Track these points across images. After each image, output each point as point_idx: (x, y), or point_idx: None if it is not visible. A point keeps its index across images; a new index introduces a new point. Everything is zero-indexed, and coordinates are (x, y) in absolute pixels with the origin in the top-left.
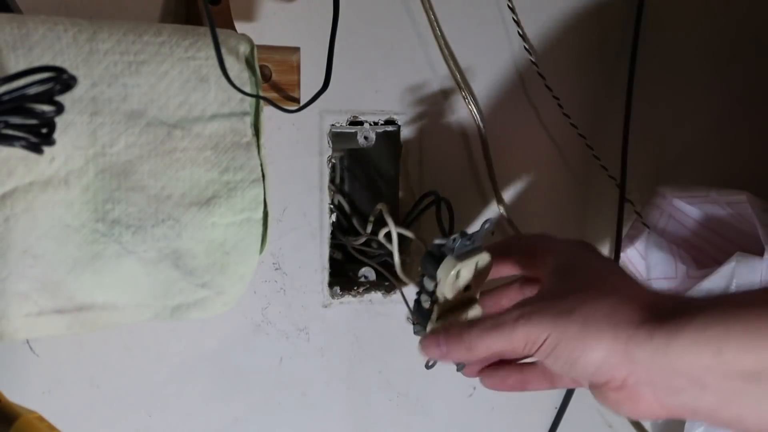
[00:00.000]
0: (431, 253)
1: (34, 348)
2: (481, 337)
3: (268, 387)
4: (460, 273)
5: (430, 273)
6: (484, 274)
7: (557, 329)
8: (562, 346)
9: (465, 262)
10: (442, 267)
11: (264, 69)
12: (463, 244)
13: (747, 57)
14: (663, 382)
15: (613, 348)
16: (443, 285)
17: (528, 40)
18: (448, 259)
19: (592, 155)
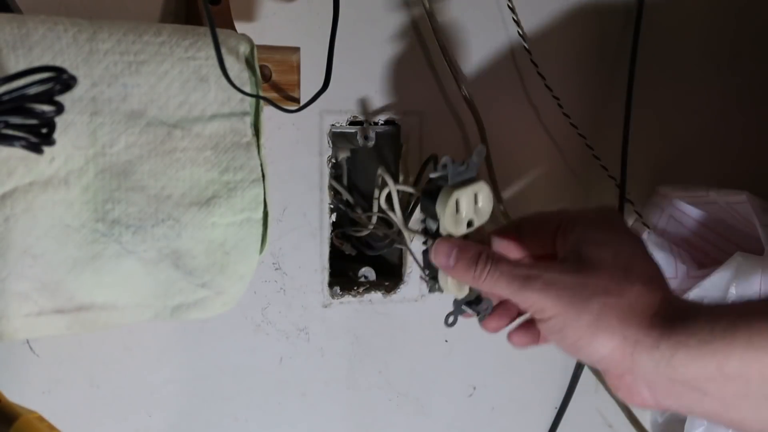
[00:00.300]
0: (427, 190)
1: (34, 348)
2: (493, 275)
3: (268, 387)
4: (459, 204)
5: (430, 212)
6: (485, 209)
7: (569, 314)
8: (570, 331)
9: (462, 191)
10: (439, 199)
11: (264, 69)
12: (456, 171)
13: (747, 57)
14: (664, 386)
15: (619, 347)
16: (443, 219)
17: (528, 40)
18: (445, 189)
19: (592, 155)
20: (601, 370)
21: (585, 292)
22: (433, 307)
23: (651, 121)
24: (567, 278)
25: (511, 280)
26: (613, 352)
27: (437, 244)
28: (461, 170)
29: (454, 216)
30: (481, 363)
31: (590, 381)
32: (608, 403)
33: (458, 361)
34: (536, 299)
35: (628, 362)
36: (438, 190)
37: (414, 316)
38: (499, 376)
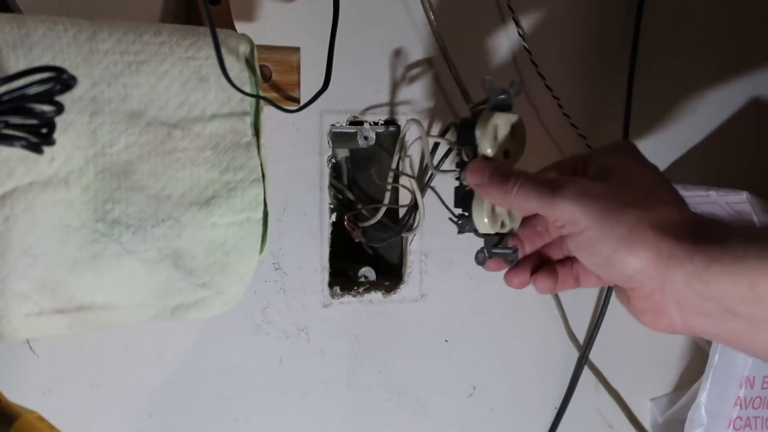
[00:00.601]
0: (465, 119)
1: (34, 348)
2: (524, 187)
3: (268, 387)
4: (498, 129)
5: (468, 139)
6: (520, 141)
7: (603, 225)
8: (604, 244)
9: (501, 115)
10: (479, 121)
11: (264, 69)
12: (496, 96)
13: (747, 56)
14: (693, 304)
15: (653, 260)
16: (483, 140)
17: (528, 40)
18: (485, 112)
19: None
20: (631, 288)
21: (617, 204)
22: (433, 307)
23: (651, 121)
24: (599, 189)
25: (541, 189)
26: (647, 266)
27: (472, 163)
28: (501, 97)
29: (493, 139)
30: (481, 363)
31: (590, 381)
32: (608, 403)
33: (458, 361)
34: (567, 208)
35: (661, 277)
36: (477, 115)
37: (414, 316)
38: (499, 376)
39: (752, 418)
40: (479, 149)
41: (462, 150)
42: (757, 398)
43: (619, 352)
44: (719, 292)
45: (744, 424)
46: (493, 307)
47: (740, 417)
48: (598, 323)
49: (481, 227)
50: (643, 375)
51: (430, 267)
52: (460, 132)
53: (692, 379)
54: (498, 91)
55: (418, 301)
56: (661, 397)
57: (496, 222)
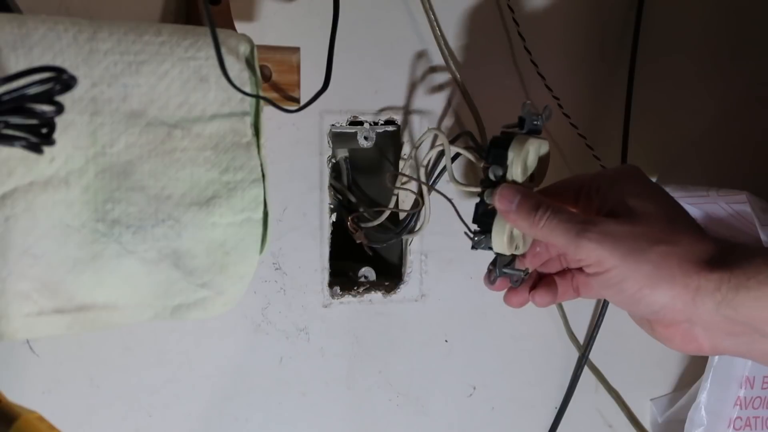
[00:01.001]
0: (498, 138)
1: (34, 348)
2: (551, 221)
3: (268, 387)
4: (529, 153)
5: (497, 157)
6: (544, 167)
7: (628, 264)
8: (629, 282)
9: (534, 140)
10: (514, 143)
11: (264, 69)
12: (531, 121)
13: (747, 56)
14: (722, 327)
15: (681, 294)
16: (515, 164)
17: (528, 40)
18: (520, 136)
19: (592, 155)
20: (657, 320)
21: (642, 242)
22: (433, 307)
23: (651, 121)
24: (622, 229)
25: (568, 229)
26: (674, 300)
27: (503, 188)
28: (536, 123)
29: (524, 164)
30: (481, 363)
31: (590, 381)
32: (608, 403)
33: (458, 361)
34: (592, 249)
35: (690, 309)
36: (510, 139)
37: (414, 316)
38: (499, 376)
39: (752, 418)
40: (509, 172)
41: (490, 169)
42: (757, 398)
43: (619, 352)
44: (747, 316)
45: (744, 424)
46: (493, 307)
47: (740, 417)
48: (598, 323)
49: (499, 248)
50: (643, 375)
51: (430, 267)
52: (490, 151)
53: (692, 379)
54: (533, 116)
55: (418, 301)
56: (661, 397)
57: (512, 244)
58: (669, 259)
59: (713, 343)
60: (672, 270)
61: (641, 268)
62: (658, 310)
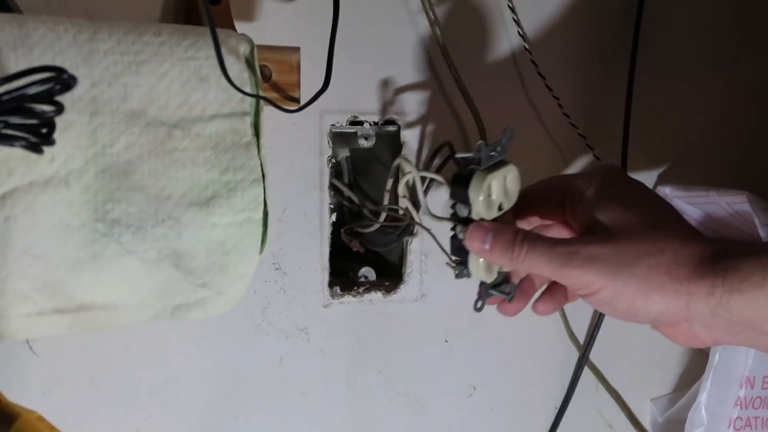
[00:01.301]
0: (459, 175)
1: (34, 348)
2: (531, 255)
3: (268, 387)
4: (492, 188)
5: (461, 197)
6: (514, 191)
7: (617, 282)
8: (621, 299)
9: (494, 174)
10: (472, 183)
11: (264, 69)
12: (488, 155)
13: (747, 57)
14: (721, 326)
15: (673, 301)
16: (477, 204)
17: (528, 40)
18: (478, 173)
19: (592, 155)
20: (658, 324)
21: (627, 258)
22: (433, 307)
23: (651, 121)
24: (605, 249)
25: (551, 259)
26: (668, 307)
27: (471, 230)
28: (493, 154)
29: (488, 200)
30: (481, 363)
31: (590, 381)
32: (608, 403)
33: (458, 361)
34: (579, 275)
35: (684, 312)
36: (470, 174)
37: (414, 316)
38: (499, 376)
39: (752, 419)
40: (474, 211)
41: (455, 206)
42: (757, 398)
43: (619, 352)
44: (744, 317)
45: (744, 425)
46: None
47: (740, 417)
48: (598, 323)
49: (478, 276)
50: (643, 375)
51: (430, 267)
52: (452, 188)
53: (692, 379)
54: (489, 151)
55: (418, 301)
56: (661, 397)
57: (492, 271)
58: (656, 270)
59: (715, 339)
60: (660, 279)
61: (630, 284)
62: (654, 318)
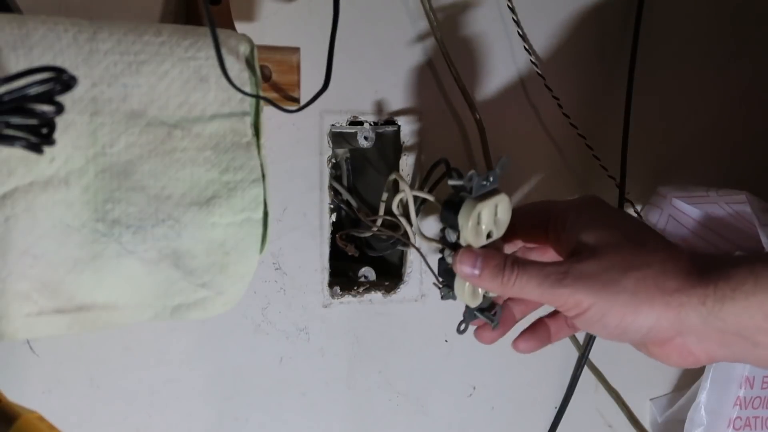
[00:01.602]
0: (449, 201)
1: (34, 348)
2: (521, 279)
3: (268, 387)
4: (481, 216)
5: (450, 222)
6: (504, 220)
7: (605, 299)
8: (611, 316)
9: (484, 203)
10: (462, 211)
11: (264, 69)
12: (480, 184)
13: (747, 57)
14: (714, 338)
15: (663, 313)
16: (465, 231)
17: (528, 40)
18: (468, 201)
19: (592, 155)
20: (650, 341)
21: (613, 274)
22: (433, 307)
23: (651, 121)
24: (592, 267)
25: (540, 282)
26: (659, 321)
27: (461, 255)
28: (485, 184)
29: (476, 228)
30: (481, 363)
31: (590, 381)
32: (608, 403)
33: (458, 361)
34: (569, 294)
35: (676, 325)
36: (460, 201)
37: (414, 316)
38: (499, 376)
39: (752, 418)
40: (462, 237)
41: (445, 230)
42: (757, 398)
43: (619, 352)
44: (737, 325)
45: (744, 424)
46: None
47: (740, 417)
48: None
49: (463, 300)
50: (643, 375)
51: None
52: (443, 213)
53: (692, 379)
54: (481, 180)
55: (418, 301)
56: (661, 397)
57: (477, 296)
58: (644, 282)
59: (708, 354)
60: (649, 292)
61: (618, 299)
62: (646, 333)
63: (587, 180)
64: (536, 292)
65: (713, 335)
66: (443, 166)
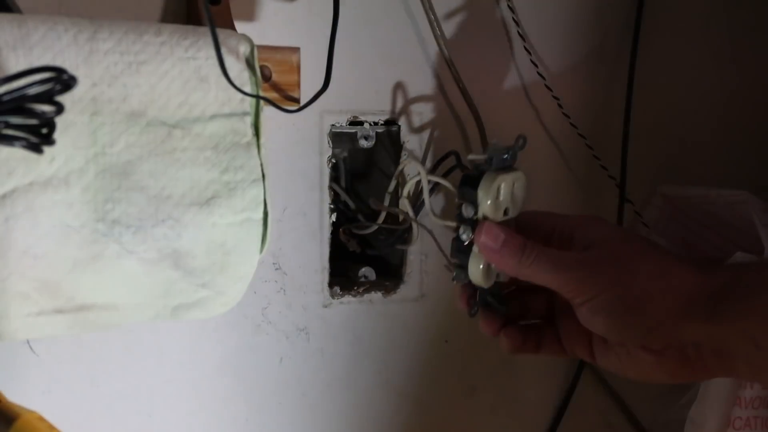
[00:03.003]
0: (468, 176)
1: (34, 348)
2: (539, 259)
3: (268, 387)
4: (501, 190)
5: (469, 197)
6: (520, 199)
7: (621, 284)
8: (619, 303)
9: (504, 176)
10: (482, 183)
11: (264, 69)
12: (500, 158)
13: (747, 56)
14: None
15: (677, 298)
16: (485, 204)
17: (528, 40)
18: (489, 174)
19: (592, 155)
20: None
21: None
22: (433, 307)
23: (651, 122)
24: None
25: (557, 264)
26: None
27: (486, 227)
28: (505, 158)
29: (495, 202)
30: (481, 363)
31: (590, 381)
32: (608, 403)
33: (458, 361)
34: (588, 276)
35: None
36: (480, 175)
37: (414, 316)
38: (499, 376)
39: (752, 418)
40: (480, 210)
41: (462, 206)
42: (757, 398)
43: None
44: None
45: (744, 424)
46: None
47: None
48: None
49: (477, 281)
50: None
51: (430, 267)
52: (461, 188)
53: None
54: (502, 152)
55: (418, 301)
56: (661, 396)
57: (491, 275)
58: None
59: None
60: (663, 281)
61: (635, 283)
62: (652, 326)
63: (587, 180)
64: (551, 275)
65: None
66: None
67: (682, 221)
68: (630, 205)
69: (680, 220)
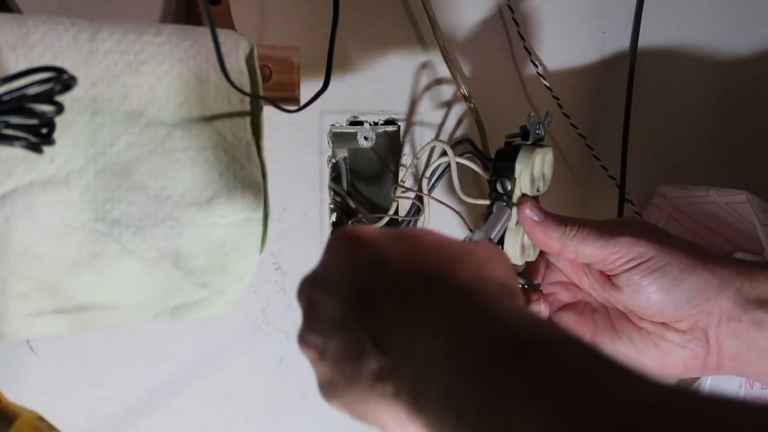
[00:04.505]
0: (503, 151)
1: (34, 348)
2: (583, 230)
3: (268, 387)
4: (536, 162)
5: (505, 170)
6: (548, 176)
7: (667, 250)
8: (672, 267)
9: (539, 150)
10: (520, 156)
11: (264, 69)
12: (535, 132)
13: (747, 56)
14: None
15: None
16: (525, 176)
17: (528, 40)
18: (525, 147)
19: (592, 155)
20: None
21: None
22: None
23: (651, 122)
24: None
25: (600, 233)
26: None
27: (530, 201)
28: (538, 132)
29: (532, 175)
30: None
31: None
32: None
33: None
34: (632, 243)
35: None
36: (515, 149)
37: None
38: None
39: None
40: (518, 185)
41: (497, 182)
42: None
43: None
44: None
45: None
46: None
47: None
48: None
49: (514, 258)
50: None
51: None
52: (497, 164)
53: (692, 379)
54: (536, 126)
55: None
56: None
57: (525, 253)
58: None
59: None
60: (705, 260)
61: (679, 254)
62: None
63: (587, 180)
64: (596, 245)
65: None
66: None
67: (682, 221)
68: (630, 205)
69: (680, 220)
